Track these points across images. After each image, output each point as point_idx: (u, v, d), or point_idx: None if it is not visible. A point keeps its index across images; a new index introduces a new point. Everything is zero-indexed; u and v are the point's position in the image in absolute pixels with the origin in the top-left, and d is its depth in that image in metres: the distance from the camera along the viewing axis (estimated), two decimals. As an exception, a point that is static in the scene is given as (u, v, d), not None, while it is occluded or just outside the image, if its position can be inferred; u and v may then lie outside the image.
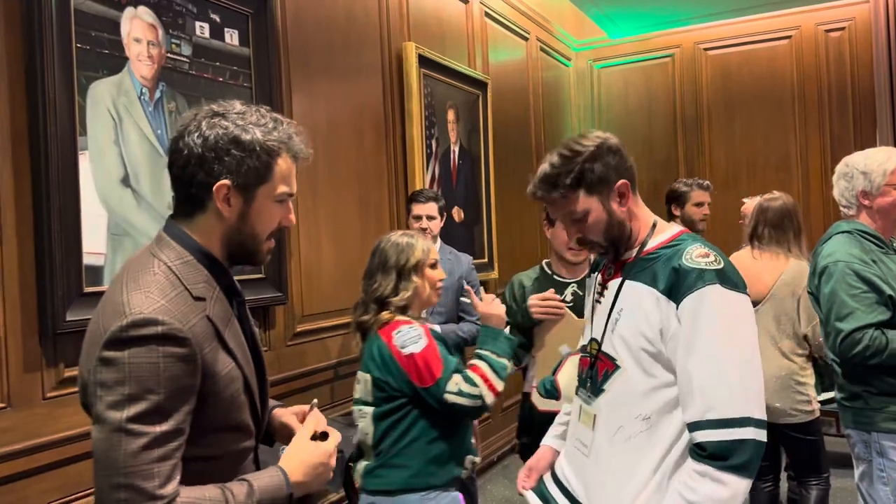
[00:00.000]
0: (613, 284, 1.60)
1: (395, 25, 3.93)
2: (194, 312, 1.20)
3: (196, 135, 1.22)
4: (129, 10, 2.39)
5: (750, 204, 4.00)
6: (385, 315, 2.17)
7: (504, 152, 5.01)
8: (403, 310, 2.20)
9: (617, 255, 1.61)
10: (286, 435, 1.44)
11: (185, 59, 2.59)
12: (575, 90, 6.59)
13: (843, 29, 5.67)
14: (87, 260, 2.21)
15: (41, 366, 2.12)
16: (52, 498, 2.12)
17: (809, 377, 3.04)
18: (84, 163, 2.21)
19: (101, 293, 2.17)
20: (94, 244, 2.24)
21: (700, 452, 1.41)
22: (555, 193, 1.56)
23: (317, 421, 1.41)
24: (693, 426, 1.43)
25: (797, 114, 5.81)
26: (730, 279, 1.46)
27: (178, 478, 1.15)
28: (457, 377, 2.08)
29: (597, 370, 1.58)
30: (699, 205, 3.88)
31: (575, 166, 1.54)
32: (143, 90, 2.43)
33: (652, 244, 1.58)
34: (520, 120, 5.48)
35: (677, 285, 1.45)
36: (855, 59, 5.61)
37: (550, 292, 2.47)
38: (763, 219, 3.16)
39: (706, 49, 6.17)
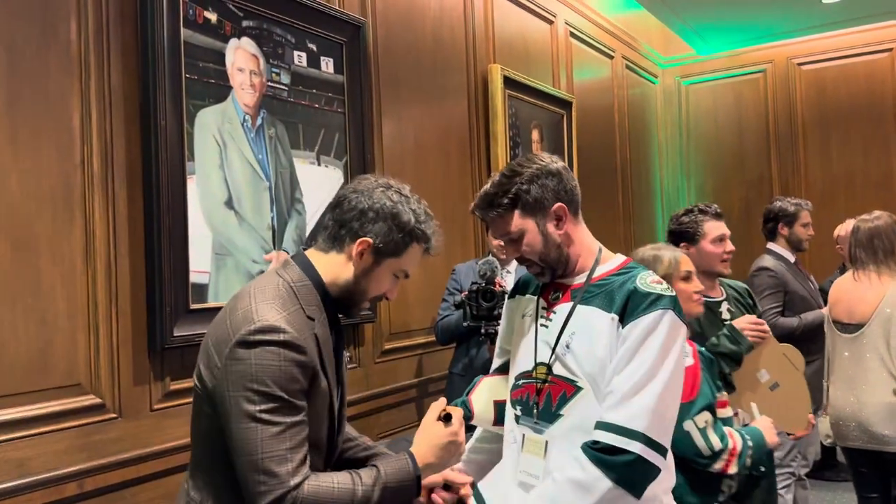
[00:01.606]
0: (562, 308, 1.58)
1: (480, 48, 3.99)
2: (306, 328, 1.35)
3: (368, 195, 1.43)
4: (233, 42, 2.52)
5: (841, 228, 3.85)
6: None
7: (589, 171, 4.99)
8: None
9: (553, 277, 1.61)
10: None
11: (283, 87, 2.71)
12: (662, 108, 6.50)
13: (948, 40, 5.41)
14: (194, 278, 2.34)
15: (149, 379, 2.24)
16: (158, 505, 2.24)
17: None
18: (191, 186, 2.34)
19: (206, 310, 2.32)
20: (199, 263, 2.36)
21: (588, 446, 1.42)
22: (492, 213, 1.59)
23: (441, 406, 1.53)
24: (597, 423, 1.44)
25: (899, 130, 5.56)
26: (679, 308, 1.51)
27: (308, 464, 1.30)
28: (709, 416, 1.94)
29: (550, 395, 1.54)
30: (806, 225, 3.77)
31: (511, 187, 1.56)
32: (246, 117, 2.55)
33: (601, 271, 1.59)
34: (605, 139, 5.44)
35: (631, 307, 1.48)
36: (962, 71, 5.34)
37: (754, 317, 2.45)
38: (854, 240, 3.06)
39: (800, 64, 5.98)
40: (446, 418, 1.48)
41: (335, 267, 1.44)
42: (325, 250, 1.45)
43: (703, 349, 2.14)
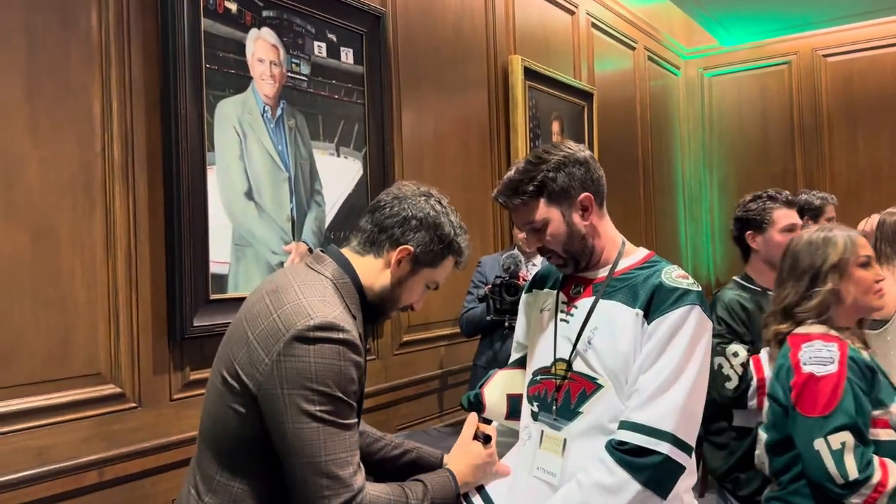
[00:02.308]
0: (584, 303, 1.54)
1: (501, 39, 3.95)
2: (354, 327, 1.32)
3: (412, 202, 1.42)
4: (253, 32, 2.51)
5: (865, 223, 3.78)
6: (788, 326, 1.85)
7: (610, 164, 4.92)
8: (827, 321, 1.82)
9: (576, 269, 1.57)
10: None
11: (303, 78, 2.70)
12: (684, 99, 6.42)
13: (980, 30, 5.29)
14: (213, 269, 2.33)
15: (169, 368, 2.25)
16: (177, 496, 2.24)
17: None
18: (211, 176, 2.34)
19: (226, 300, 2.32)
20: (219, 254, 2.36)
21: (613, 447, 1.39)
22: (516, 200, 1.54)
23: (474, 423, 1.54)
24: (621, 423, 1.41)
25: (928, 122, 5.45)
26: (706, 303, 1.48)
27: (363, 467, 1.28)
28: (849, 437, 1.64)
29: (569, 392, 1.50)
30: (830, 220, 3.71)
31: (538, 174, 1.51)
32: (266, 108, 2.54)
33: (624, 265, 1.55)
34: (626, 131, 5.38)
35: (657, 302, 1.44)
36: None
37: None
38: (879, 234, 2.99)
39: (825, 55, 5.87)
40: (486, 440, 1.52)
41: (372, 272, 1.41)
42: (362, 253, 1.42)
43: (862, 355, 1.79)
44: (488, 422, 1.58)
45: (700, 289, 1.49)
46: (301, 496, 1.25)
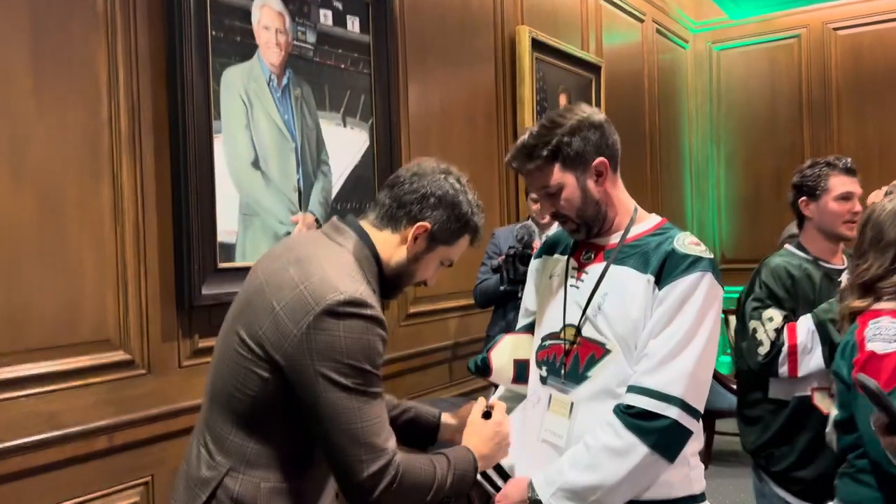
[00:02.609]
0: (595, 269, 1.54)
1: (508, 9, 3.92)
2: (377, 303, 1.34)
3: (431, 179, 1.42)
4: (259, -1, 2.49)
5: (875, 195, 3.75)
6: (867, 302, 1.72)
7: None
8: None
9: (588, 235, 1.57)
10: (448, 437, 1.64)
11: (309, 47, 2.68)
12: (692, 73, 6.37)
13: None
14: (221, 237, 2.34)
15: (178, 336, 2.26)
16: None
17: None
18: (218, 145, 2.33)
19: (233, 269, 2.32)
20: (227, 223, 2.36)
21: (621, 411, 1.40)
22: (530, 165, 1.52)
23: (482, 406, 1.57)
24: (630, 387, 1.42)
25: (938, 96, 5.41)
26: (717, 271, 1.47)
27: (394, 433, 1.31)
28: None
29: (577, 357, 1.51)
30: None
31: (552, 138, 1.49)
32: (272, 76, 2.53)
33: (636, 231, 1.55)
34: (633, 104, 5.35)
35: (668, 269, 1.44)
36: None
37: None
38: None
39: (836, 29, 5.82)
40: (486, 415, 1.54)
41: (389, 247, 1.42)
42: (379, 228, 1.43)
43: None
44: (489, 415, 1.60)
45: (712, 256, 1.48)
46: (337, 463, 1.27)
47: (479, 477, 1.51)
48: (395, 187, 1.44)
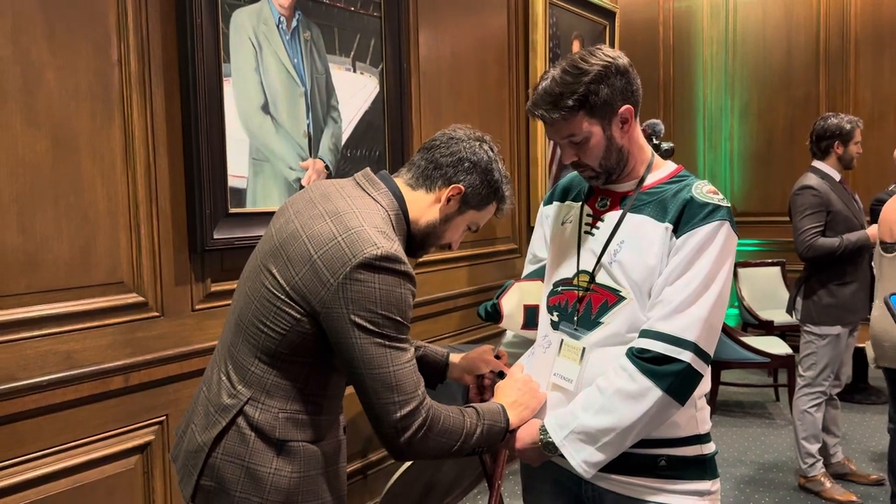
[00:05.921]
0: (611, 216, 1.54)
1: (522, -47, 3.83)
2: (408, 260, 1.40)
3: (466, 145, 1.50)
4: (268, -61, 2.44)
5: None
6: None
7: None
8: None
9: (607, 181, 1.55)
10: (457, 376, 1.74)
11: (319, -12, 2.64)
12: (708, 21, 6.24)
13: None
14: (232, 182, 2.33)
15: (190, 280, 2.28)
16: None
17: None
18: (227, 89, 2.31)
19: (244, 214, 2.33)
20: (237, 167, 2.36)
21: (635, 355, 1.42)
22: (555, 114, 1.46)
23: (488, 351, 1.71)
24: (643, 332, 1.43)
25: (960, 46, 5.29)
26: (733, 220, 1.49)
27: (423, 379, 1.38)
28: None
29: (590, 303, 1.52)
30: (857, 143, 3.63)
31: (579, 87, 1.43)
32: (281, 19, 2.50)
33: (652, 179, 1.54)
34: (647, 52, 5.27)
35: (687, 217, 1.44)
36: None
37: None
38: None
39: (857, -25, 5.67)
40: (501, 376, 1.63)
41: (421, 206, 1.49)
42: (414, 187, 1.50)
43: None
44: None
45: (729, 205, 1.48)
46: (370, 407, 1.34)
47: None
48: (431, 150, 1.51)
